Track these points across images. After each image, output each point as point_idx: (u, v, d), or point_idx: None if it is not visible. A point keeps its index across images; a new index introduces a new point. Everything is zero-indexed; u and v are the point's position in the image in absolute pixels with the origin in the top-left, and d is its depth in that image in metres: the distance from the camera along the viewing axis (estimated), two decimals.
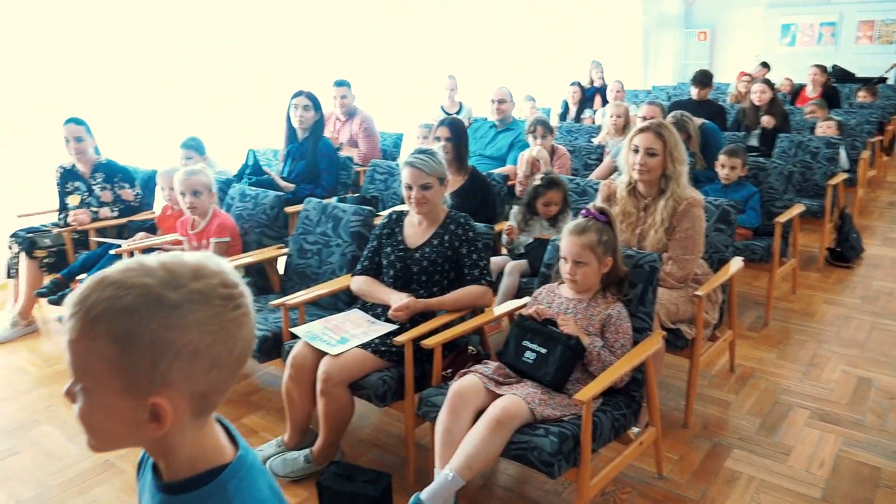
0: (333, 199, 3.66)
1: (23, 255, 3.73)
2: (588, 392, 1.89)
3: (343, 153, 4.70)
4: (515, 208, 3.41)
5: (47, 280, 3.66)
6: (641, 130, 2.69)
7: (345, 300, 2.92)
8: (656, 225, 2.66)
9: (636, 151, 2.68)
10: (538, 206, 3.28)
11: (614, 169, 4.30)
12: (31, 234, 3.75)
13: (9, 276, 3.83)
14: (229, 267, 0.80)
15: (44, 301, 3.67)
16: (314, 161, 4.19)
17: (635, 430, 2.25)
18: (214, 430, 0.83)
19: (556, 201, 3.27)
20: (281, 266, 3.28)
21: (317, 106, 4.19)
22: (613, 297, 2.22)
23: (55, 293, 3.52)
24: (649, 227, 2.69)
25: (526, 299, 2.55)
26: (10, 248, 3.79)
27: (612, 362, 2.09)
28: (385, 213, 3.04)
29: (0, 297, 4.15)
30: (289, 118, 4.21)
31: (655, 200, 2.70)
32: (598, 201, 2.81)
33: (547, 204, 3.27)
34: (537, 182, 3.27)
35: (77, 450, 2.63)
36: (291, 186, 4.09)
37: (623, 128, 4.84)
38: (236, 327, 0.77)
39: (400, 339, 2.26)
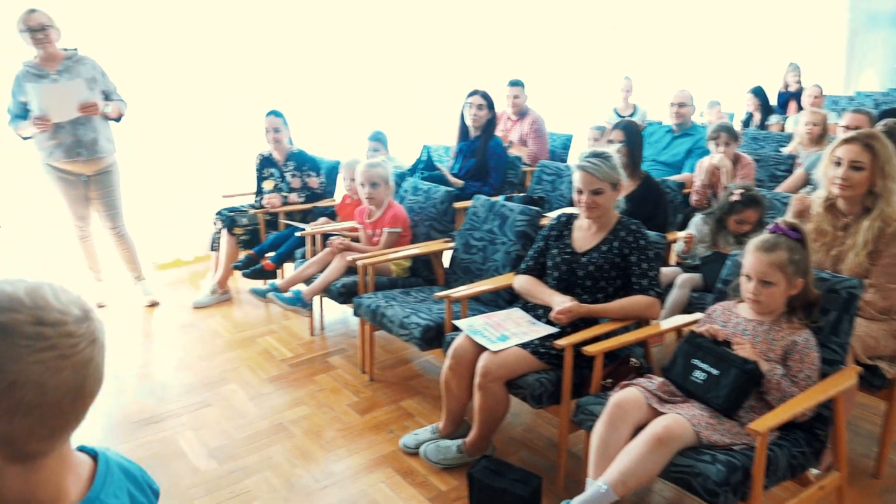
0: (500, 198, 3.71)
1: (224, 232, 4.20)
2: (766, 422, 1.75)
3: (512, 152, 4.74)
4: (699, 217, 3.22)
5: (242, 255, 4.09)
6: (847, 141, 2.41)
7: (506, 298, 2.95)
8: (857, 247, 2.38)
9: (838, 164, 2.41)
10: (729, 222, 3.07)
11: (806, 182, 3.92)
12: (232, 214, 4.22)
13: (212, 249, 4.34)
14: (63, 303, 0.71)
15: (238, 273, 4.11)
16: (484, 159, 4.27)
17: (815, 471, 2.04)
18: (56, 474, 0.75)
19: (752, 220, 3.03)
20: (446, 259, 3.39)
21: (490, 105, 4.27)
22: (800, 323, 2.03)
23: (248, 267, 3.94)
24: (848, 249, 2.41)
25: (696, 315, 2.41)
26: (215, 224, 4.29)
27: (793, 393, 1.91)
28: (552, 214, 3.03)
29: (203, 268, 4.73)
30: (463, 116, 4.33)
31: (858, 220, 2.42)
32: (789, 216, 2.57)
33: (741, 222, 3.05)
34: (735, 198, 3.06)
35: (257, 409, 2.92)
36: (461, 183, 4.20)
37: (819, 137, 4.39)
38: (44, 372, 0.67)
39: (561, 342, 2.24)
